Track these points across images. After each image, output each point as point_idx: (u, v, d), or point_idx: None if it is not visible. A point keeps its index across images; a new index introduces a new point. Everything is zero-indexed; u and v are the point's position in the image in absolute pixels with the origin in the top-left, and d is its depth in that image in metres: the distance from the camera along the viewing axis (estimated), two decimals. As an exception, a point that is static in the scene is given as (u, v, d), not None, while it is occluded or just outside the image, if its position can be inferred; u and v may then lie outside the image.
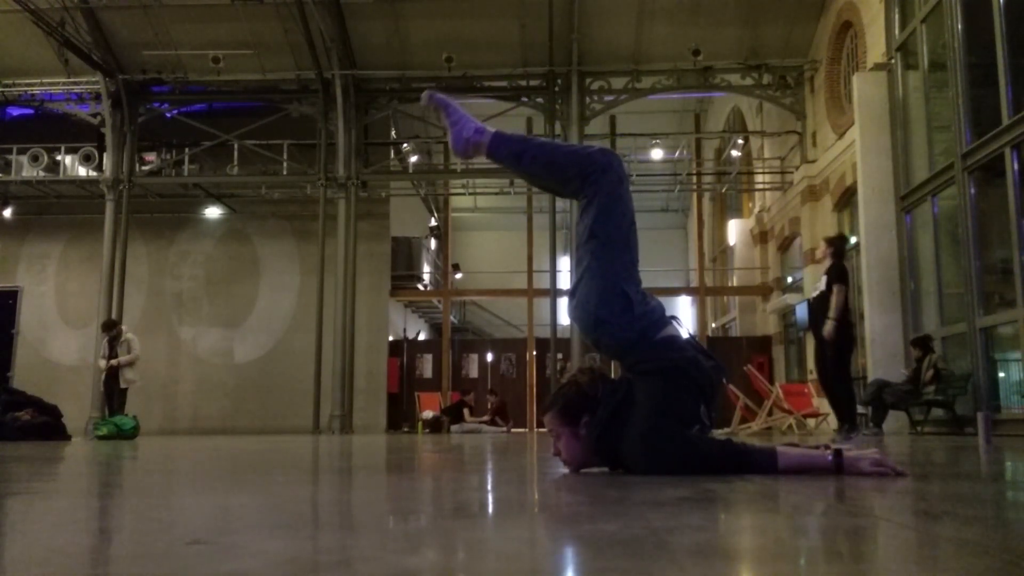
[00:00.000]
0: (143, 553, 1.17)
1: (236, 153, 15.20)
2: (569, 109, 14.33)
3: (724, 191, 18.65)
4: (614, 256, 2.53)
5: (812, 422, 11.84)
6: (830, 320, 6.84)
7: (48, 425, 9.30)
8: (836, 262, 7.02)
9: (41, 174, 15.36)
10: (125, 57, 14.79)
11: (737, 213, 19.48)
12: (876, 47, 11.26)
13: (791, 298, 14.98)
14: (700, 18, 13.70)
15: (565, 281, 14.69)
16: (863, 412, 9.55)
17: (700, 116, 19.73)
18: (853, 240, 12.45)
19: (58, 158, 15.50)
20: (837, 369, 6.93)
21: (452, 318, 19.09)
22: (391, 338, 16.99)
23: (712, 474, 2.25)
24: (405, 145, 16.93)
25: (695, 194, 18.98)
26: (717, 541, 1.25)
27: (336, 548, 1.19)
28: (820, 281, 7.11)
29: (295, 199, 16.22)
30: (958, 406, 8.83)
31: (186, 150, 15.45)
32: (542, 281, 14.12)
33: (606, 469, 2.53)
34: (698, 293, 18.17)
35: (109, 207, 14.84)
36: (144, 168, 15.56)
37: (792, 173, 14.70)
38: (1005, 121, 8.06)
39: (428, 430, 14.53)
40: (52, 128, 15.70)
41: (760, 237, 16.81)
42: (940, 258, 9.79)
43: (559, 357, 15.60)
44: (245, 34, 14.08)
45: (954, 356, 9.39)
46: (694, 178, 17.85)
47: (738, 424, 11.75)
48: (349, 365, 14.24)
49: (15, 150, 15.34)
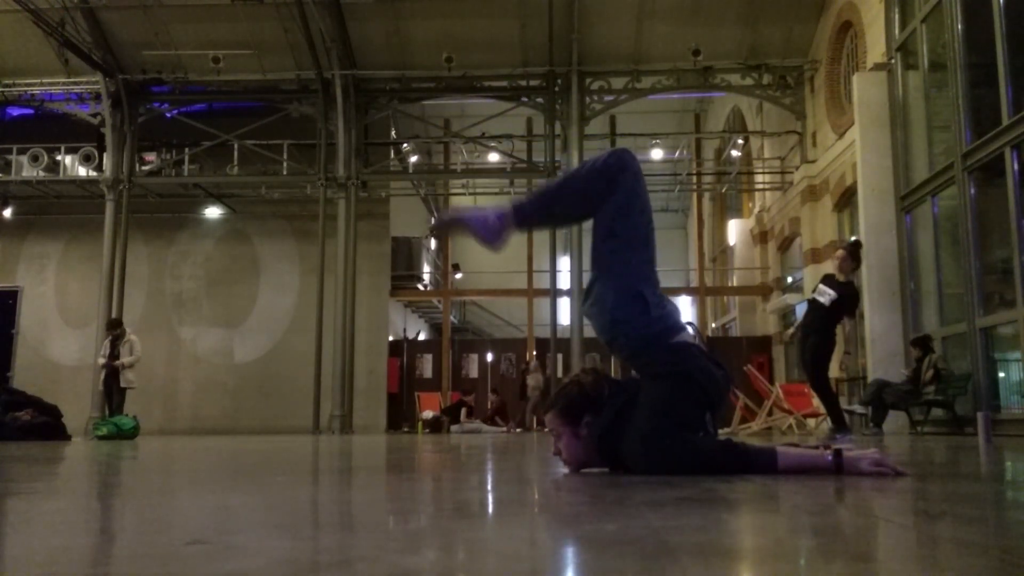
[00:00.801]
0: (143, 553, 1.17)
1: (236, 153, 15.20)
2: (569, 109, 14.33)
3: (724, 191, 18.67)
4: (632, 255, 2.52)
5: (812, 422, 11.84)
6: (847, 355, 6.82)
7: (48, 425, 9.30)
8: (852, 283, 6.86)
9: (41, 174, 15.36)
10: (125, 57, 14.79)
11: (737, 213, 19.49)
12: (876, 47, 11.26)
13: (791, 298, 14.98)
14: (700, 18, 13.70)
15: (565, 281, 14.69)
16: (863, 412, 9.55)
17: (700, 116, 19.74)
18: (853, 240, 12.45)
19: (58, 158, 15.50)
20: (816, 372, 6.81)
21: (452, 318, 19.10)
22: (391, 338, 16.99)
23: (712, 474, 2.25)
24: (405, 145, 16.93)
25: (695, 194, 19.00)
26: (718, 541, 1.25)
27: (336, 548, 1.19)
28: (824, 295, 6.79)
29: (295, 199, 16.22)
30: (958, 406, 8.83)
31: (186, 150, 15.45)
32: (542, 281, 14.13)
33: (606, 469, 2.53)
34: (698, 293, 18.17)
35: (109, 207, 14.84)
36: (144, 168, 15.56)
37: (792, 173, 14.70)
38: (1005, 121, 8.06)
39: (428, 430, 14.52)
40: (52, 128, 15.70)
41: (760, 237, 16.81)
42: (940, 258, 9.79)
43: (529, 359, 15.55)
44: (245, 34, 14.08)
45: (954, 356, 9.39)
46: (694, 178, 17.87)
47: (738, 424, 11.75)
48: (349, 365, 14.24)
49: (15, 150, 15.34)
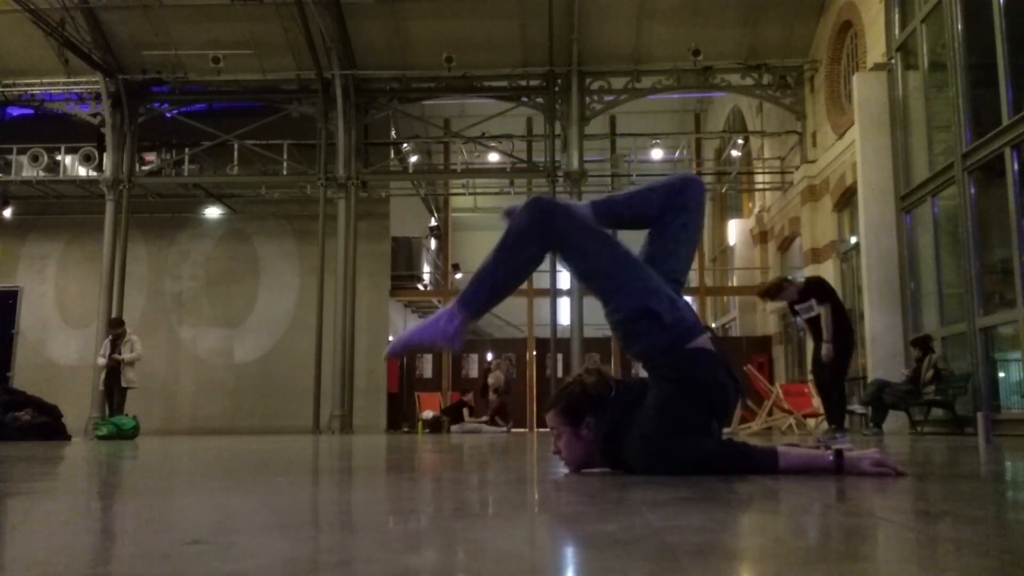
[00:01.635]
0: (143, 553, 1.16)
1: (236, 153, 15.20)
2: (569, 109, 14.33)
3: (724, 191, 18.66)
4: (618, 281, 2.50)
5: (812, 422, 11.84)
6: (826, 344, 6.86)
7: (48, 425, 9.29)
8: (805, 280, 7.03)
9: (41, 174, 15.36)
10: (125, 57, 14.79)
11: (737, 213, 19.48)
12: (876, 47, 11.26)
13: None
14: (700, 18, 13.70)
15: (565, 281, 14.68)
16: (863, 412, 9.54)
17: (700, 116, 19.72)
18: (853, 240, 12.45)
19: (58, 158, 15.50)
20: (835, 373, 6.94)
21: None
22: (391, 338, 16.93)
23: (713, 474, 2.25)
24: (405, 145, 16.93)
25: (695, 194, 18.93)
26: (718, 541, 1.25)
27: (336, 548, 1.19)
28: (812, 310, 7.01)
29: (295, 199, 16.21)
30: (958, 406, 8.82)
31: (186, 150, 15.44)
32: (542, 281, 14.11)
33: (607, 469, 2.53)
34: (698, 293, 18.15)
35: (109, 207, 14.84)
36: (144, 168, 15.55)
37: (792, 173, 14.70)
38: (1005, 121, 8.06)
39: (428, 430, 14.52)
40: (52, 128, 15.69)
41: (760, 237, 16.81)
42: (940, 258, 9.79)
43: (496, 358, 15.53)
44: (245, 34, 14.08)
45: (954, 356, 9.39)
46: (694, 178, 17.79)
47: (738, 424, 11.75)
48: (349, 365, 14.24)
49: (15, 150, 15.34)
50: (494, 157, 16.86)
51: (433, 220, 21.39)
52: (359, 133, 15.00)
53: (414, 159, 17.58)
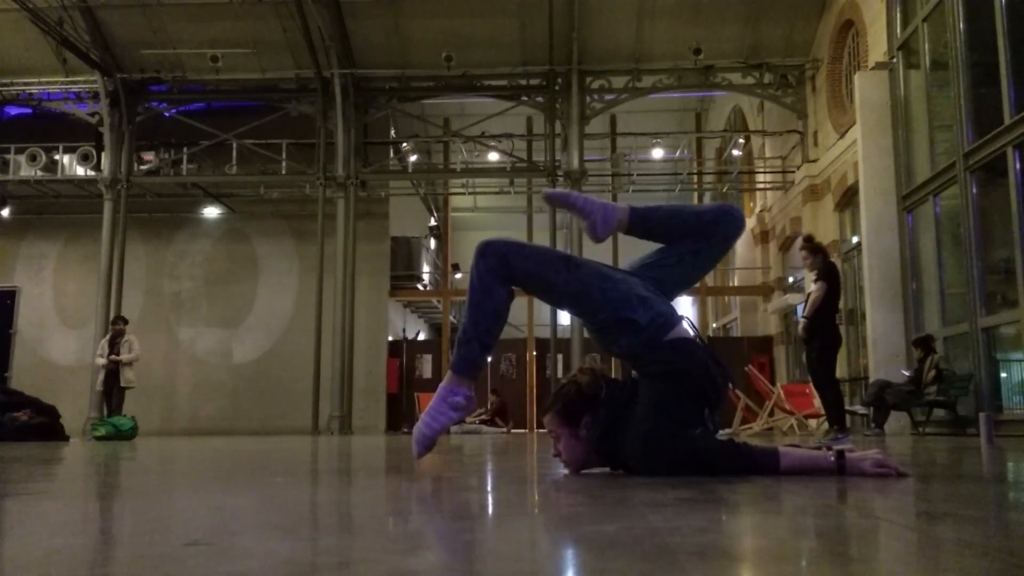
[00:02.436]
0: (142, 554, 1.16)
1: (235, 152, 15.20)
2: (569, 108, 14.32)
3: (725, 190, 18.63)
4: (591, 300, 2.53)
5: (814, 423, 11.83)
6: (803, 319, 6.70)
7: (46, 426, 9.28)
8: (823, 261, 6.87)
9: (39, 174, 15.35)
10: (123, 56, 14.78)
11: (737, 213, 19.44)
12: (878, 46, 11.26)
13: (792, 298, 14.97)
14: (701, 17, 13.70)
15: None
16: (865, 413, 9.53)
17: (701, 115, 19.72)
18: (855, 240, 12.44)
19: (56, 157, 15.50)
20: (822, 370, 6.79)
21: (452, 318, 19.08)
22: (390, 338, 16.98)
23: (714, 475, 2.24)
24: (404, 144, 16.92)
25: (696, 194, 18.96)
26: (719, 542, 1.25)
27: (335, 549, 1.18)
28: (812, 285, 6.93)
29: (294, 199, 16.21)
30: (960, 407, 8.81)
31: (184, 149, 15.44)
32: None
33: (606, 470, 2.52)
34: (699, 293, 18.14)
35: (107, 207, 14.83)
36: (142, 168, 15.56)
37: (793, 172, 14.70)
38: (1007, 120, 8.05)
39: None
40: (50, 127, 15.69)
41: (761, 237, 16.81)
42: (942, 258, 9.78)
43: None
44: (244, 33, 14.07)
45: (956, 356, 9.38)
46: (695, 177, 17.85)
47: (739, 425, 11.75)
48: (348, 365, 14.23)
49: (13, 149, 15.34)
50: (494, 156, 16.86)
51: (433, 220, 21.39)
52: (358, 132, 15.00)
53: (413, 158, 17.58)
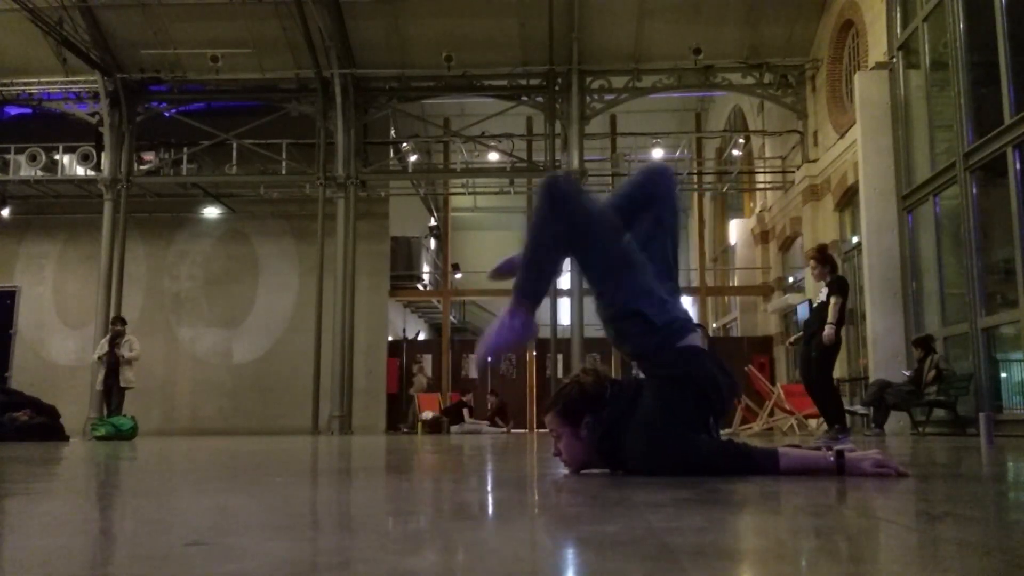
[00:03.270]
0: (142, 554, 1.16)
1: (235, 152, 15.19)
2: (569, 108, 14.32)
3: (725, 190, 18.64)
4: (617, 279, 2.51)
5: (814, 423, 11.82)
6: (829, 324, 6.82)
7: (46, 426, 9.27)
8: (834, 273, 7.05)
9: (39, 173, 15.35)
10: (123, 56, 14.78)
11: (738, 213, 19.47)
12: (878, 46, 11.26)
13: (792, 298, 14.97)
14: (701, 17, 13.70)
15: (565, 281, 14.67)
16: (865, 413, 9.53)
17: (701, 115, 19.72)
18: (855, 240, 12.44)
19: (56, 157, 15.49)
20: (823, 371, 6.91)
21: (452, 318, 19.09)
22: (390, 338, 16.98)
23: (713, 475, 2.24)
24: (404, 144, 16.91)
25: (696, 194, 18.98)
26: (719, 542, 1.25)
27: (335, 549, 1.18)
28: (821, 292, 7.11)
29: (294, 199, 16.20)
30: (960, 407, 8.81)
31: (184, 149, 15.43)
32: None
33: (607, 470, 2.52)
34: (699, 293, 18.15)
35: (107, 207, 14.82)
36: (142, 168, 15.55)
37: (793, 172, 14.69)
38: (1007, 120, 8.05)
39: (428, 431, 14.52)
40: (50, 127, 15.68)
41: (761, 237, 16.81)
42: (942, 258, 9.78)
43: (417, 359, 15.66)
44: (244, 33, 14.07)
45: (956, 356, 9.38)
46: (695, 177, 17.84)
47: (739, 425, 11.75)
48: (348, 365, 14.22)
49: (13, 149, 15.33)
50: (494, 156, 16.85)
51: (432, 220, 21.38)
52: (358, 132, 14.99)
53: (413, 158, 17.57)
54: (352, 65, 14.53)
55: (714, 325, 20.44)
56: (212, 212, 16.81)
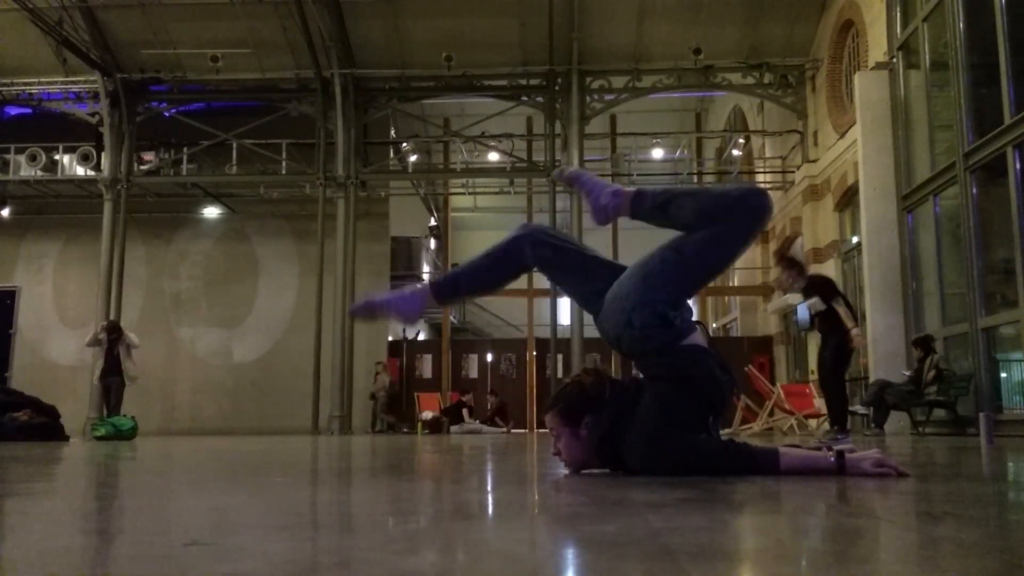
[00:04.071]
0: (141, 554, 1.16)
1: (235, 152, 15.18)
2: (569, 108, 14.31)
3: (724, 191, 18.64)
4: (679, 279, 2.47)
5: (814, 423, 11.83)
6: (854, 331, 6.83)
7: (46, 425, 9.27)
8: (804, 274, 7.06)
9: (39, 174, 15.34)
10: (123, 56, 14.78)
11: (737, 213, 19.42)
12: (878, 46, 11.26)
13: (792, 298, 14.94)
14: (701, 17, 13.69)
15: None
16: (865, 413, 9.52)
17: (701, 115, 19.72)
18: (855, 240, 12.44)
19: (56, 157, 15.48)
20: (834, 368, 6.96)
21: (452, 318, 19.09)
22: (390, 338, 16.98)
23: (714, 475, 2.24)
24: (404, 144, 16.91)
25: (695, 194, 18.98)
26: (719, 542, 1.25)
27: (335, 549, 1.18)
28: (810, 302, 7.08)
29: (294, 199, 16.20)
30: (960, 407, 8.81)
31: (184, 149, 15.42)
32: (542, 281, 14.07)
33: (607, 470, 2.52)
34: (699, 293, 18.14)
35: (107, 207, 14.82)
36: (142, 168, 15.54)
37: (793, 172, 14.70)
38: (1007, 120, 8.05)
39: (428, 431, 14.52)
40: (50, 127, 15.67)
41: (761, 237, 16.81)
42: (942, 258, 9.78)
43: (381, 360, 15.62)
44: (244, 33, 14.06)
45: (956, 356, 9.38)
46: (695, 177, 17.84)
47: (739, 425, 11.75)
48: (348, 366, 14.23)
49: (13, 149, 15.32)
50: (494, 156, 16.85)
51: (433, 220, 21.38)
52: (358, 132, 14.99)
53: (413, 158, 17.57)
54: (352, 65, 14.52)
55: (714, 325, 20.44)
56: (212, 212, 16.81)
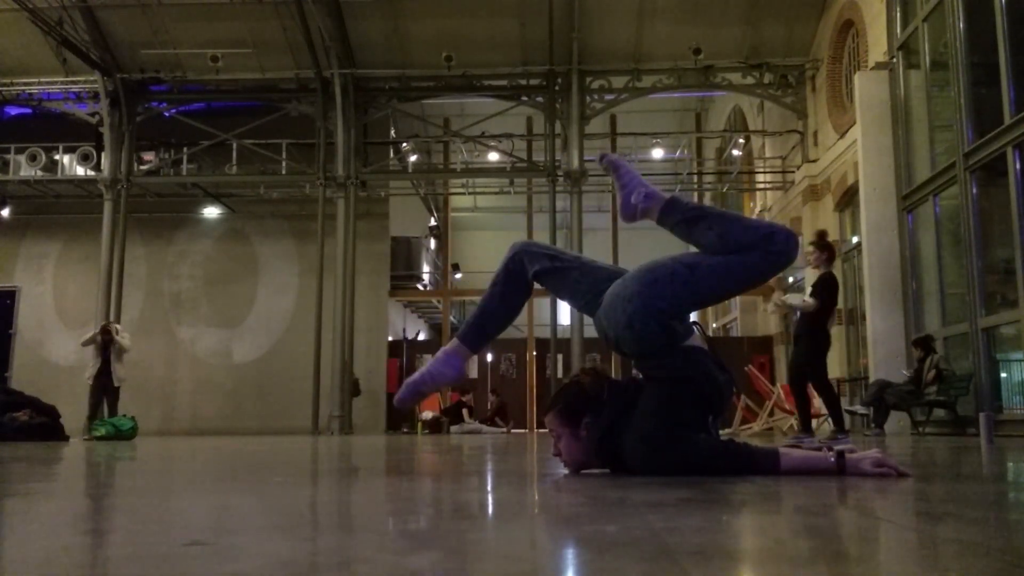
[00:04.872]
0: (141, 554, 1.16)
1: (235, 152, 15.19)
2: (569, 108, 14.32)
3: (725, 191, 18.63)
4: (688, 290, 2.42)
5: (813, 423, 11.82)
6: (806, 300, 6.88)
7: (46, 426, 9.28)
8: (829, 264, 7.06)
9: (39, 174, 15.34)
10: (123, 56, 14.77)
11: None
12: (878, 46, 11.26)
13: (792, 298, 14.93)
14: (701, 17, 13.70)
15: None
16: (865, 413, 9.52)
17: (701, 115, 19.72)
18: (855, 240, 12.44)
19: (56, 157, 15.48)
20: (817, 374, 6.90)
21: (452, 318, 19.08)
22: (390, 338, 16.98)
23: (714, 475, 2.24)
24: (404, 144, 16.92)
25: (696, 194, 18.98)
26: (719, 542, 1.24)
27: (335, 549, 1.18)
28: (806, 297, 7.12)
29: (294, 199, 16.20)
30: (960, 407, 8.81)
31: (184, 149, 15.42)
32: (542, 281, 14.08)
33: (607, 470, 2.52)
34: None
35: (107, 207, 14.82)
36: (142, 168, 15.54)
37: (793, 172, 14.69)
38: (1007, 120, 8.05)
39: (428, 431, 14.52)
40: (50, 127, 15.68)
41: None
42: (942, 258, 9.78)
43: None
44: (244, 33, 14.06)
45: (956, 356, 9.38)
46: (695, 177, 17.85)
47: (739, 425, 11.75)
48: (348, 365, 14.23)
49: (13, 149, 15.32)
50: (494, 156, 16.85)
51: (432, 220, 21.38)
52: (358, 132, 14.99)
53: (413, 158, 17.57)
54: (352, 65, 14.52)
55: (714, 325, 20.44)
56: (212, 212, 16.81)
